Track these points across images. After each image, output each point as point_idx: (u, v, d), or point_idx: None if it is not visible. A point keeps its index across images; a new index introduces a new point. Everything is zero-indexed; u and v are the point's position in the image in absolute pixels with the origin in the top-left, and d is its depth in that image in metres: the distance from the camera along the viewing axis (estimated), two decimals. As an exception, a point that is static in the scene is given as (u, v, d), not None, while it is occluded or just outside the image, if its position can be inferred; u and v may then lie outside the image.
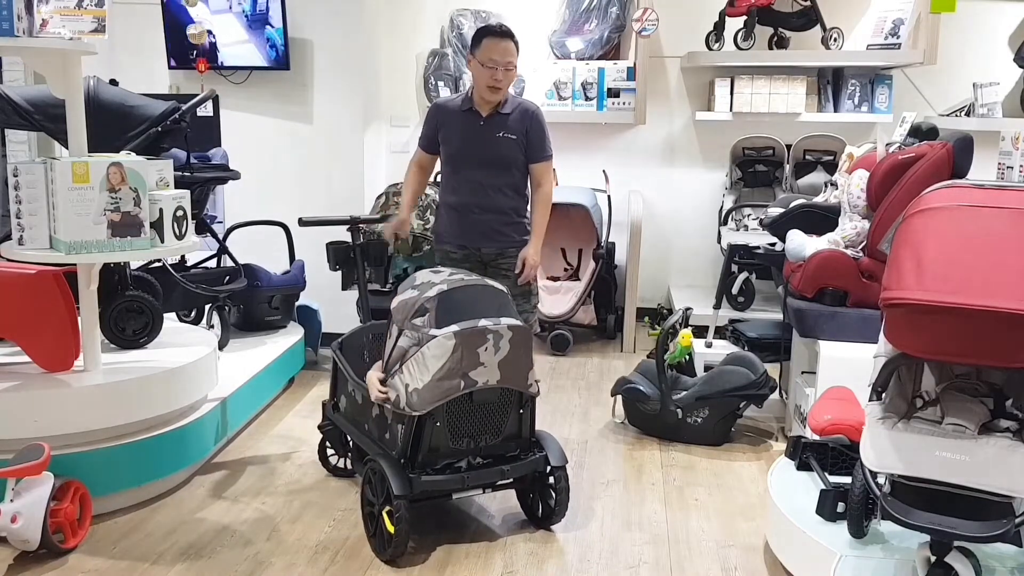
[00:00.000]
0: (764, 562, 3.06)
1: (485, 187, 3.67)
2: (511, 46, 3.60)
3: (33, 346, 3.37)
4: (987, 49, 5.66)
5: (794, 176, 5.68)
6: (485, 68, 3.58)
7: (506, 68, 3.57)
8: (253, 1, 5.10)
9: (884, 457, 2.32)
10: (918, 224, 2.26)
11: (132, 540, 3.14)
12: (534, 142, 3.69)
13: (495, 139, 3.65)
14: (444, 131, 3.74)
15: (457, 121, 3.70)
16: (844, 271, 3.62)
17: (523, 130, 3.66)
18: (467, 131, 3.68)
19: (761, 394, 4.06)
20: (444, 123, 3.74)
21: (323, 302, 5.19)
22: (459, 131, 3.69)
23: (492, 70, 3.56)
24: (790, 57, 5.71)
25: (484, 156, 3.66)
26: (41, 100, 3.59)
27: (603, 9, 6.04)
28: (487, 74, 3.58)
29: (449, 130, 3.73)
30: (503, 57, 3.56)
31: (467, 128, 3.68)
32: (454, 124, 3.71)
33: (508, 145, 3.66)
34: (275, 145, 5.34)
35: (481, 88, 3.63)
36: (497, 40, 3.59)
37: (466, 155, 3.69)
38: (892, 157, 3.60)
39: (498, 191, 3.69)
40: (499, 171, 3.68)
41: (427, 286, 3.01)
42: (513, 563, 3.03)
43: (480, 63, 3.60)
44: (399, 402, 2.96)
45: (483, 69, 3.59)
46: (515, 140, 3.66)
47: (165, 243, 3.33)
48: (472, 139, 3.67)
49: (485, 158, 3.66)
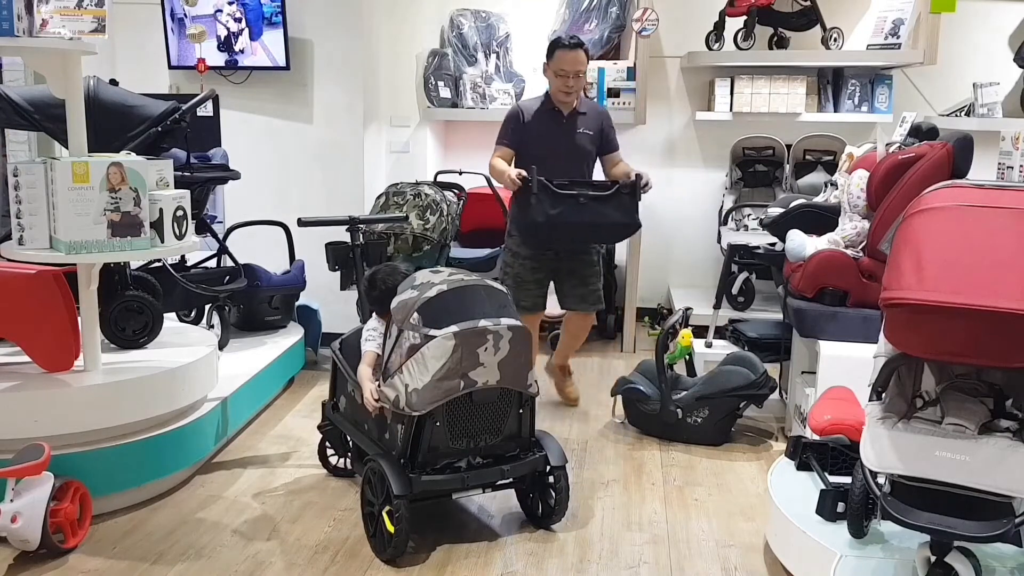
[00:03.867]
0: (764, 562, 3.06)
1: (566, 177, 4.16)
2: (580, 55, 4.14)
3: (33, 346, 3.37)
4: (987, 49, 5.66)
5: (794, 176, 5.68)
6: (558, 77, 4.16)
7: (576, 75, 4.16)
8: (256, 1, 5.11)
9: (884, 457, 2.32)
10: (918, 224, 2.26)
11: (132, 540, 3.14)
12: (609, 136, 4.37)
13: (575, 134, 4.27)
14: (528, 129, 4.24)
15: (540, 119, 4.26)
16: (844, 271, 3.62)
17: (598, 127, 4.33)
18: (551, 128, 4.23)
19: (761, 394, 4.06)
20: (527, 122, 4.25)
21: (323, 302, 5.19)
22: (543, 128, 4.23)
23: (564, 78, 4.15)
24: (790, 57, 5.71)
25: (567, 149, 4.25)
26: (41, 100, 3.59)
27: (603, 9, 6.04)
28: (560, 82, 4.17)
29: (532, 128, 4.24)
30: (572, 67, 4.13)
31: (551, 125, 4.24)
32: (537, 122, 4.25)
33: (585, 139, 4.29)
34: (275, 145, 5.34)
35: (556, 93, 4.22)
36: (567, 51, 4.14)
37: (551, 149, 4.21)
38: (892, 157, 3.59)
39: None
40: (578, 162, 4.26)
41: (427, 286, 3.01)
42: (513, 563, 3.03)
43: (554, 72, 4.17)
44: (399, 402, 2.96)
45: (556, 78, 4.17)
46: (591, 136, 4.29)
47: (165, 243, 3.33)
48: (555, 135, 4.23)
49: (568, 151, 4.24)
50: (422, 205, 4.86)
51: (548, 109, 4.26)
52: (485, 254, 5.50)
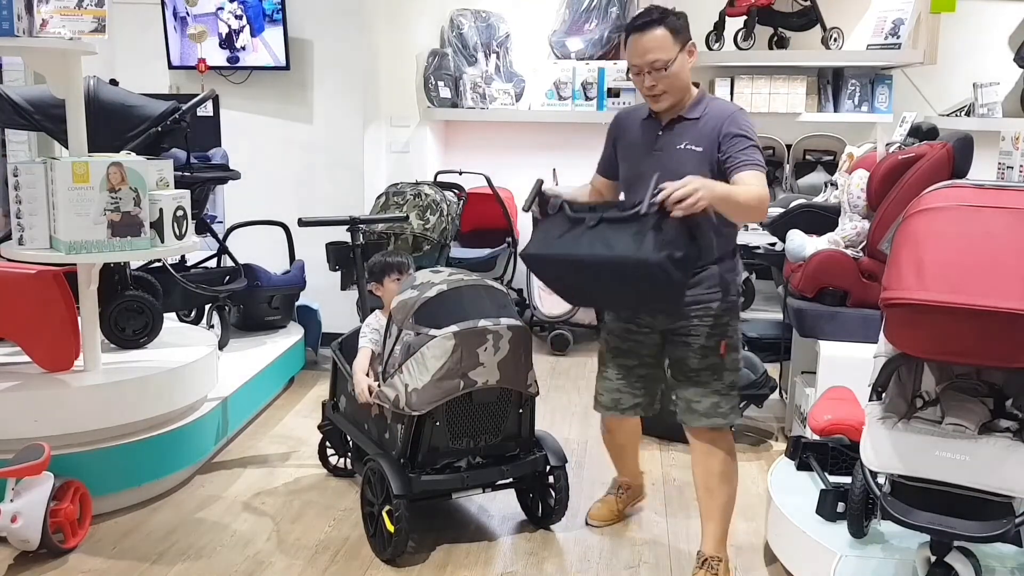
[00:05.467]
0: (764, 562, 3.06)
1: None
2: (650, 39, 2.72)
3: (33, 346, 3.37)
4: (987, 49, 5.65)
5: (794, 176, 5.68)
6: (635, 75, 2.80)
7: (653, 68, 2.73)
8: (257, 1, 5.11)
9: (884, 457, 2.32)
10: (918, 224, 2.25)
11: (132, 540, 3.14)
12: (730, 152, 2.71)
13: (674, 152, 2.79)
14: (621, 146, 2.99)
15: (635, 132, 2.94)
16: (844, 271, 3.62)
17: (714, 138, 2.76)
18: (644, 143, 2.89)
19: (761, 394, 4.06)
20: (622, 136, 2.99)
21: (323, 302, 5.19)
22: (636, 144, 2.93)
23: (639, 77, 2.78)
24: (790, 57, 5.70)
25: (662, 171, 2.65)
26: (41, 100, 3.60)
27: (603, 9, 6.04)
28: (637, 81, 2.80)
29: (626, 144, 2.97)
30: (642, 58, 2.73)
31: (645, 140, 2.90)
32: (631, 136, 2.95)
33: (690, 159, 2.75)
34: (275, 145, 5.34)
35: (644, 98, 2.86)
36: (636, 36, 2.76)
37: (639, 172, 2.83)
38: (892, 157, 3.59)
39: None
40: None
41: (427, 286, 3.01)
42: (513, 563, 3.03)
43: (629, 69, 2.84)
44: (399, 402, 2.96)
45: (635, 77, 2.81)
46: (699, 153, 2.76)
47: (165, 243, 3.33)
48: (645, 152, 2.88)
49: (662, 174, 2.62)
50: (422, 205, 4.86)
51: (647, 117, 2.91)
52: (485, 254, 5.51)
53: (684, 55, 2.75)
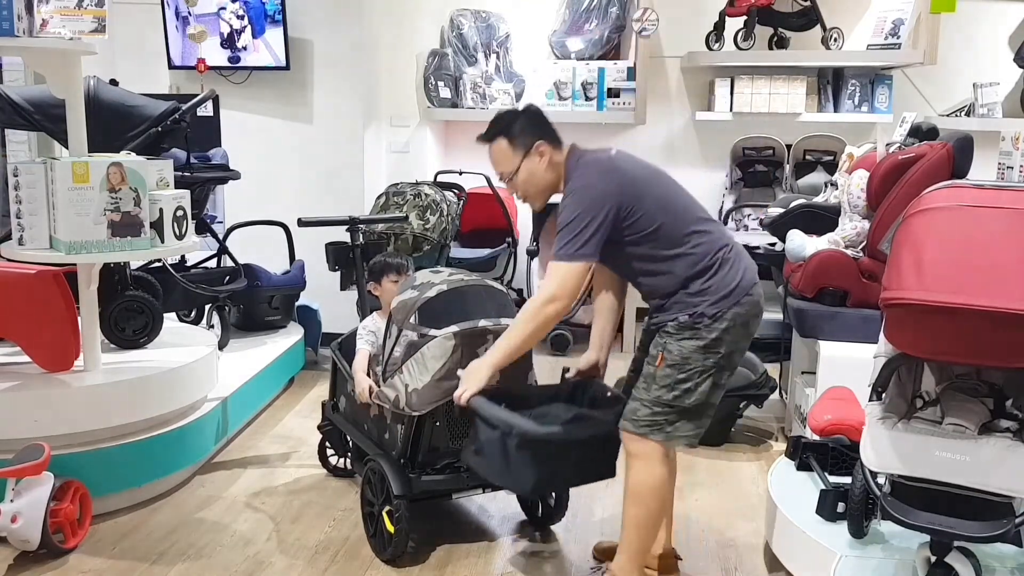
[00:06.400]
0: (764, 562, 3.06)
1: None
2: (494, 152, 2.76)
3: (33, 346, 3.37)
4: (987, 49, 5.65)
5: (794, 176, 5.68)
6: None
7: (503, 179, 2.78)
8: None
9: (884, 457, 2.32)
10: (918, 224, 2.26)
11: (132, 540, 3.14)
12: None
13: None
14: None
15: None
16: (844, 271, 3.62)
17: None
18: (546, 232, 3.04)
19: (761, 394, 4.06)
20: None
21: (323, 302, 5.19)
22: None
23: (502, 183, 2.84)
24: (790, 57, 5.71)
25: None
26: (41, 100, 3.60)
27: (603, 9, 6.04)
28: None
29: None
30: (494, 168, 2.80)
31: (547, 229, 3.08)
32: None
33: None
34: (275, 145, 5.34)
35: None
36: (487, 147, 2.79)
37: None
38: (892, 157, 3.59)
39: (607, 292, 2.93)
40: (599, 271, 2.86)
41: (427, 286, 3.01)
42: (513, 563, 3.03)
43: None
44: (399, 402, 2.96)
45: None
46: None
47: (165, 243, 3.33)
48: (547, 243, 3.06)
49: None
50: (422, 205, 4.86)
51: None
52: (485, 254, 5.50)
53: (532, 159, 2.71)
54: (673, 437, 2.65)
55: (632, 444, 2.67)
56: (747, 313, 2.65)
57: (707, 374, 2.63)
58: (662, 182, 2.73)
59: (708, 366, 2.62)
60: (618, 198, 2.58)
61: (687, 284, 2.63)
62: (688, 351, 2.61)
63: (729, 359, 2.67)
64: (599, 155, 2.74)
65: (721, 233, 2.73)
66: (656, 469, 2.65)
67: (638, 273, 2.72)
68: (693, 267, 2.63)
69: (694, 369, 2.61)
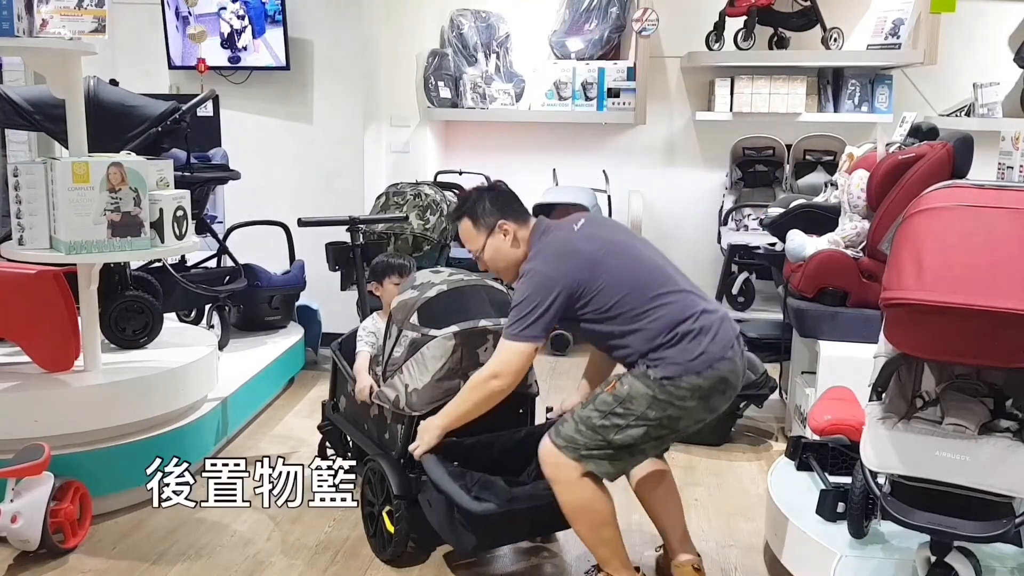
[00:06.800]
0: (764, 562, 3.06)
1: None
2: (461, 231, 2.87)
3: (33, 346, 3.37)
4: (987, 49, 5.65)
5: (794, 176, 5.68)
6: None
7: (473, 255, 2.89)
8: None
9: (884, 457, 2.32)
10: (918, 224, 2.25)
11: (132, 540, 3.14)
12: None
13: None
14: None
15: None
16: (844, 271, 3.62)
17: None
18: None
19: (761, 394, 4.06)
20: None
21: (323, 302, 5.19)
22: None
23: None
24: (790, 57, 5.71)
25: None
26: (41, 100, 3.60)
27: (603, 9, 6.04)
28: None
29: None
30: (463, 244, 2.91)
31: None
32: None
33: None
34: (275, 145, 5.34)
35: None
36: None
37: None
38: (892, 157, 3.59)
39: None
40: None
41: (427, 286, 3.01)
42: (513, 563, 3.03)
43: None
44: (399, 402, 2.96)
45: None
46: None
47: (165, 243, 3.33)
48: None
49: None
50: (422, 205, 4.86)
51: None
52: (485, 254, 5.49)
53: (496, 237, 2.79)
54: (583, 460, 2.59)
55: (548, 460, 2.63)
56: (709, 387, 2.56)
57: (644, 423, 2.56)
58: (625, 254, 2.69)
59: (649, 417, 2.55)
60: (569, 282, 2.60)
61: (646, 355, 2.59)
62: (637, 392, 2.56)
63: (674, 423, 2.60)
64: (561, 233, 2.76)
65: (688, 302, 2.63)
66: (576, 492, 2.61)
67: (598, 345, 2.76)
68: (650, 342, 2.58)
69: (633, 412, 2.56)
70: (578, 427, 2.61)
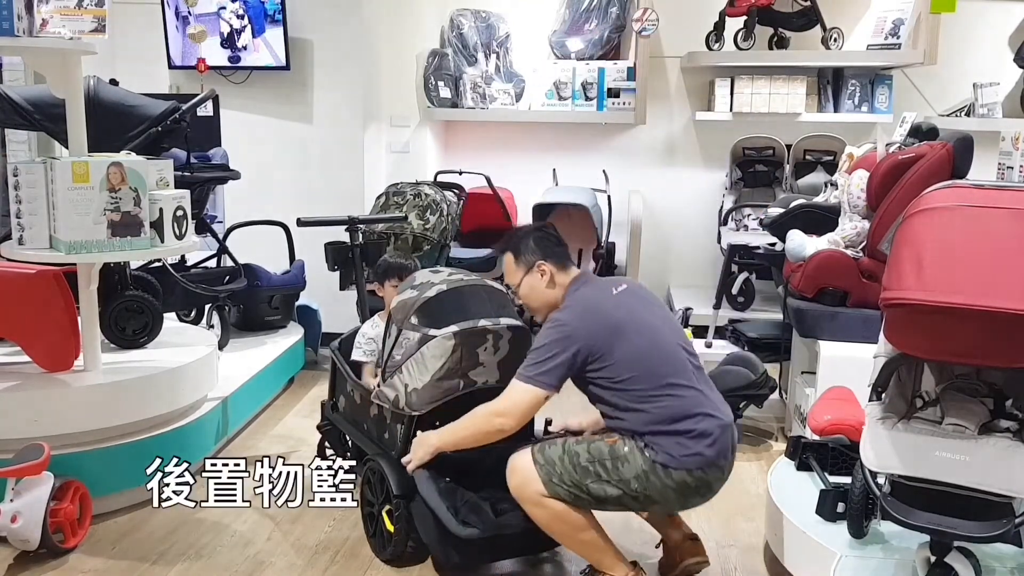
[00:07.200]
0: (764, 562, 3.06)
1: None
2: (504, 264, 2.95)
3: (33, 346, 3.37)
4: (987, 49, 5.65)
5: (794, 176, 5.67)
6: None
7: (511, 290, 2.97)
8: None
9: (884, 457, 2.32)
10: (918, 224, 2.25)
11: (132, 540, 3.14)
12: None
13: None
14: None
15: None
16: (844, 271, 3.62)
17: None
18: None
19: (761, 394, 4.06)
20: None
21: (323, 302, 5.19)
22: None
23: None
24: (790, 57, 5.70)
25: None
26: (41, 100, 3.60)
27: (603, 9, 6.04)
28: None
29: None
30: (506, 278, 2.96)
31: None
32: None
33: None
34: (275, 145, 5.34)
35: None
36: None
37: None
38: (892, 157, 3.59)
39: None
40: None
41: (427, 286, 3.01)
42: (512, 563, 3.03)
43: None
44: (398, 402, 2.96)
45: None
46: None
47: (165, 243, 3.33)
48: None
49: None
50: (422, 205, 4.86)
51: None
52: (485, 254, 5.49)
53: (533, 275, 2.84)
54: (549, 485, 2.63)
55: (517, 471, 2.67)
56: (693, 487, 2.61)
57: (622, 489, 2.60)
58: (649, 335, 2.67)
59: (630, 487, 2.59)
60: (586, 344, 2.63)
61: (641, 436, 2.61)
62: (632, 460, 2.59)
63: (647, 502, 2.65)
64: (596, 291, 2.79)
65: (696, 401, 2.62)
66: (544, 507, 2.65)
67: (597, 406, 2.77)
68: (647, 425, 2.60)
69: (620, 474, 2.59)
70: (563, 455, 2.64)
